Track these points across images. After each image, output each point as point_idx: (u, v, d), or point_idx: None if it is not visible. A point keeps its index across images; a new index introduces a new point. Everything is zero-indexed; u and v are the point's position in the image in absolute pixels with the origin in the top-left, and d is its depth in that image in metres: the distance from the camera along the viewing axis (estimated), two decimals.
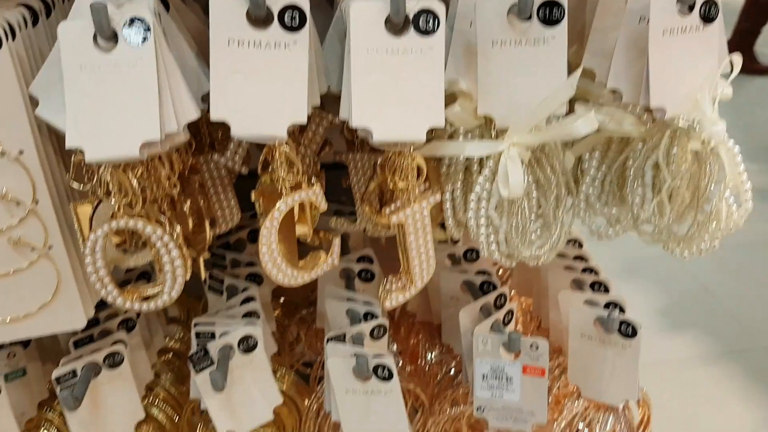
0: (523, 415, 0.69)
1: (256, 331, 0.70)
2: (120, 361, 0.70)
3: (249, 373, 0.71)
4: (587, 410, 0.73)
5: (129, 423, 0.72)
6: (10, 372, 0.72)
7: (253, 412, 0.72)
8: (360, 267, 0.81)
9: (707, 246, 0.59)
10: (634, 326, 0.66)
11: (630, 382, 0.69)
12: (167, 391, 0.82)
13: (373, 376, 0.67)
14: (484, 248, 0.59)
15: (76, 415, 0.68)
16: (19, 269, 0.58)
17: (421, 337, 0.87)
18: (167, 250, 0.55)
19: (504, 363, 0.68)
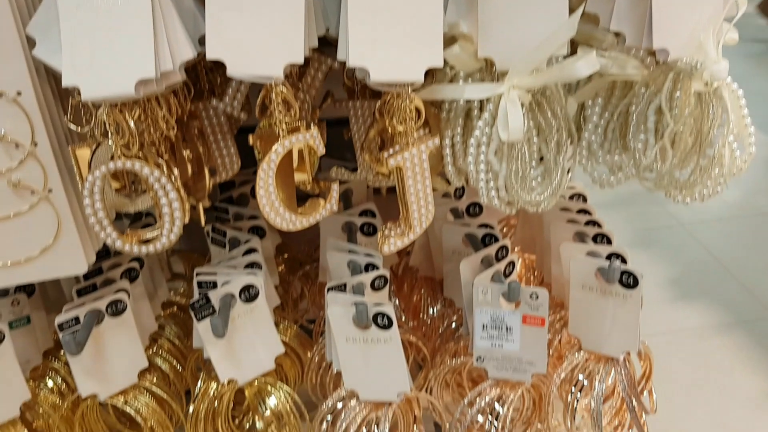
0: (522, 365, 0.69)
1: (257, 281, 0.70)
2: (123, 309, 0.70)
3: (250, 322, 0.71)
4: (587, 362, 0.73)
5: (132, 371, 0.73)
6: (14, 319, 0.73)
7: (255, 361, 0.73)
8: (362, 221, 0.81)
9: (709, 191, 0.58)
10: (636, 276, 0.66)
11: (631, 333, 0.69)
12: (171, 343, 0.83)
13: (372, 325, 0.67)
14: (484, 194, 0.59)
15: (79, 362, 0.69)
16: (19, 212, 0.58)
17: (423, 292, 0.87)
18: (165, 192, 0.55)
19: (504, 313, 0.68)
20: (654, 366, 0.76)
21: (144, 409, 0.73)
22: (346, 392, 0.72)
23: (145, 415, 0.73)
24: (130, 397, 0.73)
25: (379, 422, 0.71)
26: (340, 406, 0.73)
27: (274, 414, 0.75)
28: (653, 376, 0.76)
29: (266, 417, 0.75)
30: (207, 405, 0.74)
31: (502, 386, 0.71)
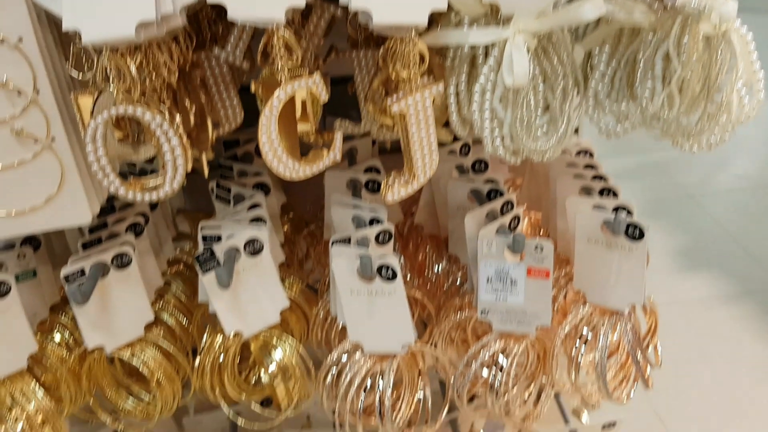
0: (527, 318, 0.69)
1: (261, 234, 0.71)
2: (128, 262, 0.70)
3: (255, 275, 0.72)
4: (592, 316, 0.72)
5: (138, 324, 0.73)
6: (20, 272, 0.73)
7: (260, 314, 0.73)
8: (367, 177, 0.81)
9: (717, 139, 0.57)
10: (641, 228, 0.65)
11: (636, 286, 0.69)
12: (178, 299, 0.83)
13: (377, 277, 0.67)
14: (489, 143, 0.59)
15: (85, 313, 0.69)
16: (23, 161, 0.58)
17: (428, 249, 0.87)
18: (167, 138, 0.54)
19: (508, 266, 0.68)
20: (659, 326, 0.76)
21: (151, 362, 0.74)
22: (350, 345, 0.73)
23: (152, 368, 0.74)
24: (137, 350, 0.73)
25: (384, 374, 0.71)
26: (345, 360, 0.73)
27: (279, 367, 0.75)
28: (659, 332, 0.76)
29: (272, 370, 0.75)
30: (213, 358, 0.74)
31: (507, 339, 0.71)
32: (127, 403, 0.79)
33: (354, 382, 0.71)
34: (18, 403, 0.71)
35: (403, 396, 0.75)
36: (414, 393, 0.75)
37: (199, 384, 0.76)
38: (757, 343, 2.26)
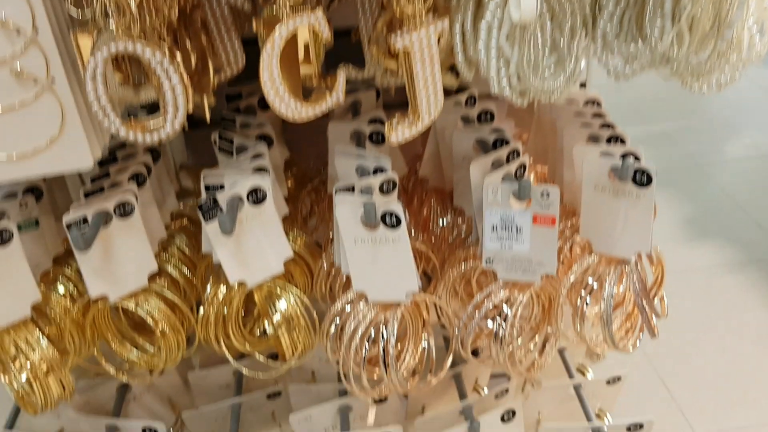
0: (532, 266, 0.69)
1: (264, 183, 0.70)
2: (130, 211, 0.70)
3: (258, 225, 0.71)
4: (598, 265, 0.72)
5: (142, 273, 0.73)
6: (23, 221, 0.73)
7: (263, 264, 0.72)
8: (371, 129, 0.80)
9: (727, 78, 0.56)
10: (649, 174, 0.64)
11: (643, 233, 0.68)
12: (182, 252, 0.83)
13: (381, 224, 0.66)
14: (495, 83, 0.58)
15: (88, 261, 0.69)
16: (24, 102, 0.57)
17: (433, 203, 0.86)
18: (167, 76, 0.54)
19: (514, 213, 0.67)
20: (666, 273, 0.75)
21: (155, 312, 0.74)
22: (354, 295, 0.72)
23: (156, 318, 0.74)
24: (141, 300, 0.73)
25: (388, 324, 0.71)
26: (349, 310, 0.73)
27: (284, 317, 0.75)
28: (665, 282, 0.75)
29: (276, 321, 0.75)
30: (217, 309, 0.74)
31: (511, 288, 0.71)
32: (131, 354, 0.79)
33: (358, 331, 0.71)
34: (22, 352, 0.71)
35: (408, 346, 0.75)
36: (418, 343, 0.75)
37: (204, 335, 0.76)
38: (762, 311, 2.25)
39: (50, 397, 0.73)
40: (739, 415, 1.91)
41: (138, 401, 0.95)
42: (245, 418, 0.94)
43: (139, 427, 0.87)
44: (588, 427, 0.84)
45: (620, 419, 0.84)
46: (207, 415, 0.92)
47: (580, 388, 0.90)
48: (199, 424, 0.93)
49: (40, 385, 0.72)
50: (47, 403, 0.73)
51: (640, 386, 1.90)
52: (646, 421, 0.83)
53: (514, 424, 0.84)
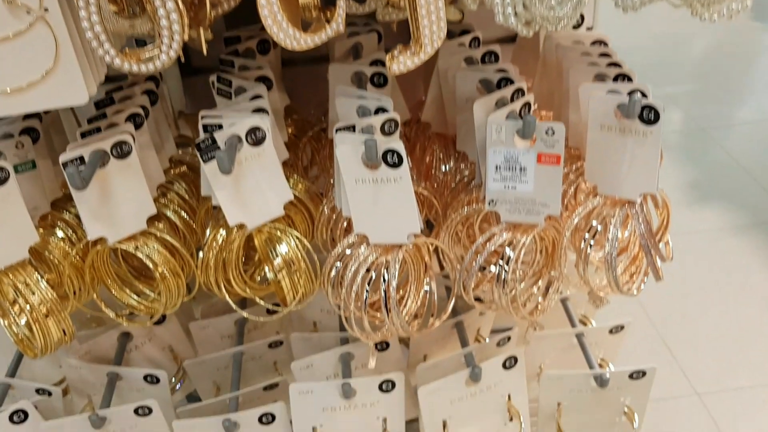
0: (536, 207, 0.68)
1: (263, 123, 0.69)
2: (128, 152, 0.69)
3: (258, 166, 0.70)
4: (603, 207, 0.71)
5: (141, 216, 0.72)
6: (19, 163, 0.72)
7: (263, 206, 0.71)
8: (372, 71, 0.78)
9: (738, 6, 0.54)
10: (657, 110, 0.63)
11: (649, 173, 0.67)
12: (181, 198, 0.82)
13: (382, 164, 0.65)
14: (500, 12, 0.56)
15: (86, 202, 0.68)
16: (18, 32, 0.56)
17: (435, 149, 0.85)
18: (162, 2, 0.52)
19: (518, 152, 0.66)
20: (671, 215, 0.74)
21: (155, 255, 0.73)
22: (355, 238, 0.71)
23: (156, 261, 0.73)
24: (140, 243, 0.73)
25: (389, 266, 0.70)
26: (349, 253, 0.72)
27: (284, 261, 0.74)
28: (669, 226, 0.74)
29: (277, 264, 0.74)
30: (217, 253, 0.74)
31: (514, 230, 0.70)
32: (131, 299, 0.78)
33: (359, 274, 0.70)
34: (21, 294, 0.70)
35: (409, 290, 0.74)
36: (420, 287, 0.74)
37: (204, 279, 0.75)
38: (766, 273, 2.24)
39: (50, 341, 0.73)
40: (741, 376, 1.91)
41: (139, 351, 0.95)
42: (247, 367, 0.94)
43: (140, 374, 0.87)
44: (590, 375, 0.84)
45: (622, 367, 0.84)
46: (209, 364, 0.92)
47: (583, 337, 0.90)
48: (200, 372, 0.93)
49: (39, 329, 0.71)
50: (47, 346, 0.73)
51: (642, 347, 1.90)
52: (648, 368, 0.83)
53: (516, 370, 0.84)
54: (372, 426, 0.84)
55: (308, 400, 0.82)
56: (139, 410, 0.81)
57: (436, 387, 0.81)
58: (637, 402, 0.87)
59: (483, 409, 0.86)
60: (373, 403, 0.83)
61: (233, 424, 0.82)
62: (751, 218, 2.51)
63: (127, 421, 0.81)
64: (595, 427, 0.89)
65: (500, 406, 0.86)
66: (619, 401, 0.87)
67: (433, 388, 0.81)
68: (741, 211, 2.54)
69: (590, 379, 0.84)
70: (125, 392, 0.89)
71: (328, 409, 0.83)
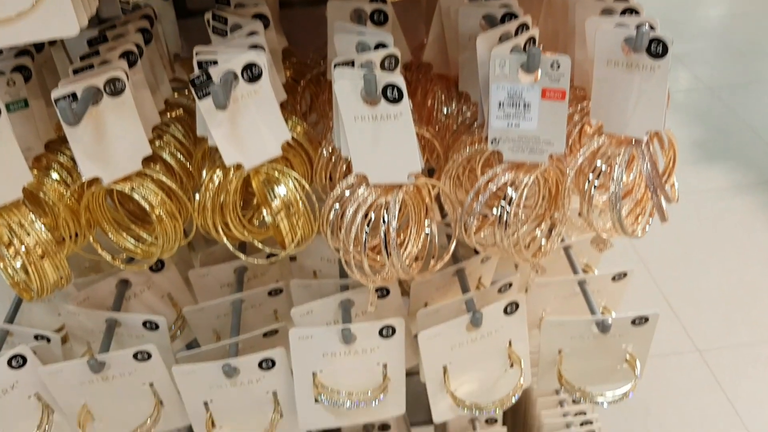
0: (539, 145, 0.66)
1: (260, 59, 0.67)
2: (121, 89, 0.67)
3: (254, 104, 0.68)
4: (608, 147, 0.69)
5: (136, 156, 0.71)
6: (11, 101, 0.71)
7: (260, 145, 0.70)
8: (372, 7, 0.76)
9: None
10: (665, 43, 0.61)
11: (656, 110, 0.65)
12: (178, 141, 0.80)
13: (382, 99, 0.63)
14: None
15: (79, 141, 0.66)
16: None
17: (437, 91, 0.83)
18: None
19: (522, 87, 0.64)
20: (676, 157, 0.73)
21: (151, 197, 0.72)
22: (355, 179, 0.70)
23: (153, 203, 0.72)
24: (136, 184, 0.71)
25: (389, 207, 0.69)
26: (348, 194, 0.71)
27: (283, 203, 0.73)
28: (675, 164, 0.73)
29: (275, 206, 0.73)
30: (214, 194, 0.72)
31: (517, 170, 0.68)
32: (128, 243, 0.77)
33: (358, 214, 0.69)
34: (16, 235, 0.69)
35: (410, 233, 0.73)
36: (421, 230, 0.73)
37: (201, 222, 0.74)
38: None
39: (47, 283, 0.72)
40: (742, 333, 1.92)
41: (138, 299, 0.94)
42: (246, 315, 0.94)
43: (139, 320, 0.87)
44: (592, 321, 0.83)
45: (625, 312, 0.83)
46: (208, 311, 0.92)
47: (585, 284, 0.89)
48: (200, 320, 0.93)
49: (35, 270, 0.71)
50: (43, 289, 0.72)
51: (644, 304, 1.91)
52: (652, 314, 0.82)
53: (517, 316, 0.83)
54: (372, 372, 0.84)
55: (308, 345, 0.81)
56: (138, 355, 0.80)
57: (436, 332, 0.81)
58: (639, 349, 0.86)
59: (483, 355, 0.85)
60: (373, 349, 0.83)
61: (233, 369, 0.81)
62: (756, 177, 2.49)
63: (126, 366, 0.81)
64: (596, 374, 0.89)
65: (501, 353, 0.86)
66: (620, 348, 0.86)
67: (433, 333, 0.81)
68: (746, 170, 2.52)
69: (592, 325, 0.84)
70: (124, 339, 0.89)
71: (328, 354, 0.82)
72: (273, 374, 0.83)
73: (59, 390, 0.81)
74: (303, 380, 0.83)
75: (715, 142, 2.68)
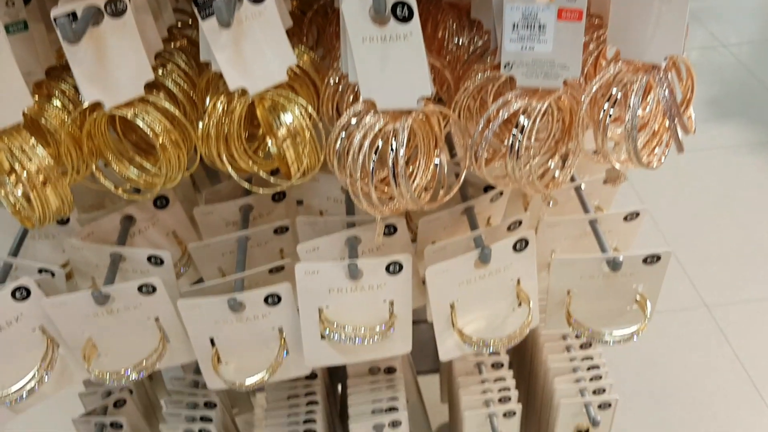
0: (554, 69, 0.64)
1: None
2: (123, 10, 0.65)
3: (259, 26, 0.66)
4: (624, 74, 0.67)
5: (138, 81, 0.69)
6: (10, 22, 0.69)
7: (265, 70, 0.68)
8: None
9: None
10: None
11: (676, 32, 0.62)
12: (181, 70, 0.78)
13: (391, 18, 0.61)
14: None
15: (80, 63, 0.65)
16: None
17: (449, 21, 0.81)
18: None
19: (537, 7, 0.62)
20: (696, 87, 0.70)
21: (155, 124, 0.70)
22: (362, 106, 0.68)
23: (157, 131, 0.70)
24: (139, 110, 0.69)
25: (397, 135, 0.67)
26: (355, 123, 0.69)
27: (289, 131, 0.71)
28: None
29: (281, 135, 0.71)
30: (217, 121, 0.71)
31: (530, 96, 0.66)
32: (130, 172, 0.76)
33: (365, 141, 0.67)
34: (18, 161, 0.68)
35: (419, 163, 0.71)
36: (430, 161, 0.71)
37: (205, 150, 0.73)
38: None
39: (49, 210, 0.71)
40: (750, 289, 1.91)
41: (143, 235, 0.93)
42: (252, 254, 0.93)
43: (144, 255, 0.86)
44: (602, 258, 0.82)
45: (636, 251, 0.82)
46: (213, 248, 0.91)
47: (596, 224, 0.87)
48: (205, 257, 0.92)
49: (37, 196, 0.69)
50: (45, 216, 0.71)
51: None
52: (664, 252, 0.81)
53: (527, 253, 0.82)
54: (378, 308, 0.83)
55: (314, 280, 0.80)
56: (143, 288, 0.80)
57: (444, 267, 0.79)
58: (650, 289, 0.85)
59: (491, 293, 0.84)
60: (380, 285, 0.82)
61: (238, 304, 0.80)
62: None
63: (130, 299, 0.80)
64: (605, 315, 0.88)
65: (509, 291, 0.85)
66: (631, 288, 0.85)
67: (441, 269, 0.79)
68: (759, 127, 2.49)
69: (603, 263, 0.82)
70: (129, 275, 0.88)
71: (335, 290, 0.81)
72: (279, 310, 0.82)
73: (64, 323, 0.81)
74: (309, 316, 0.82)
75: (729, 100, 2.64)
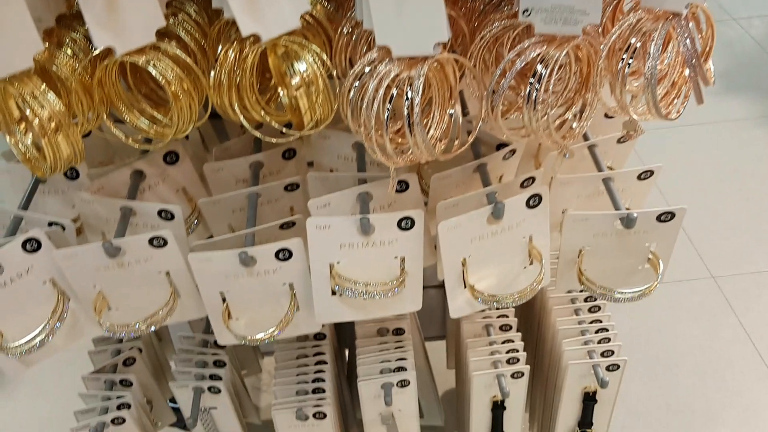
0: (574, 15, 0.63)
1: None
2: None
3: None
4: (645, 22, 0.66)
5: (150, 27, 0.68)
6: None
7: (279, 15, 0.67)
8: None
9: None
10: None
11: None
12: (192, 19, 0.77)
13: None
14: None
15: (90, 9, 0.64)
16: None
17: None
18: None
19: None
20: (716, 37, 0.69)
21: (168, 72, 0.69)
22: (377, 54, 0.67)
23: (169, 79, 0.69)
24: (151, 57, 0.69)
25: (412, 83, 0.66)
26: (369, 71, 0.68)
27: (302, 80, 0.70)
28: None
29: (294, 84, 0.70)
30: (229, 70, 0.70)
31: (548, 43, 0.65)
32: (141, 122, 0.75)
33: (380, 89, 0.66)
34: (29, 106, 0.67)
35: (433, 114, 0.70)
36: (444, 112, 0.71)
37: (217, 100, 0.72)
38: None
39: (60, 158, 0.70)
40: (758, 260, 1.90)
41: (153, 191, 0.92)
42: (262, 211, 0.92)
43: (155, 209, 0.85)
44: (616, 215, 0.81)
45: (650, 208, 0.81)
46: (224, 204, 0.90)
47: (610, 182, 0.87)
48: (215, 213, 0.91)
49: (49, 143, 0.69)
50: (57, 164, 0.70)
51: None
52: (678, 209, 0.80)
53: (540, 210, 0.81)
54: (390, 265, 0.82)
55: (326, 235, 0.80)
56: (154, 241, 0.79)
57: (456, 223, 0.79)
58: (663, 248, 0.85)
59: (503, 249, 0.84)
60: (391, 241, 0.81)
61: (249, 258, 0.80)
62: None
63: (141, 252, 0.80)
64: (617, 274, 0.87)
65: (521, 248, 0.84)
66: (643, 246, 0.84)
67: (453, 224, 0.79)
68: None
69: (616, 220, 0.81)
70: (139, 229, 0.88)
71: (346, 246, 0.81)
72: (290, 265, 0.82)
73: (74, 275, 0.81)
74: (320, 271, 0.81)
75: (739, 73, 2.61)
